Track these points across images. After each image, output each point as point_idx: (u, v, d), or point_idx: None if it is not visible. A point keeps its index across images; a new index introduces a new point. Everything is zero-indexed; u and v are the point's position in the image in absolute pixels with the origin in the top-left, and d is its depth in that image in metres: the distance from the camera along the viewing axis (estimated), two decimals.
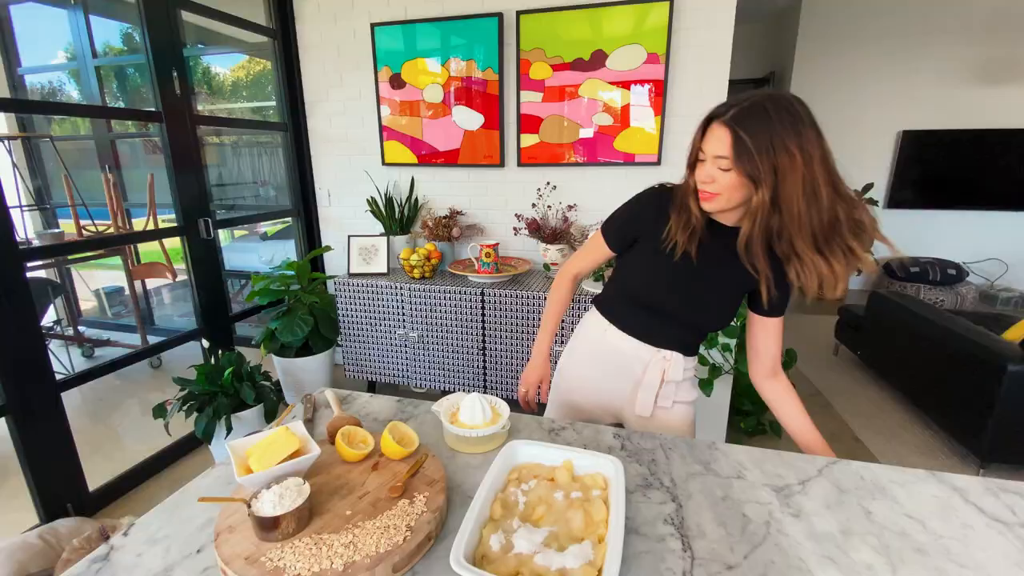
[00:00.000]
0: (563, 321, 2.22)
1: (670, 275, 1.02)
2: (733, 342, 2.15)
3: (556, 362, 1.37)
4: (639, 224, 1.05)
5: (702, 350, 2.18)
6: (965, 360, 2.22)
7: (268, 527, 0.64)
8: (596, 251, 1.14)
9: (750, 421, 2.43)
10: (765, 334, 1.04)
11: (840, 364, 3.32)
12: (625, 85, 2.39)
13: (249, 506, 0.65)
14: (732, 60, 2.28)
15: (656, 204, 1.03)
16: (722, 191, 0.88)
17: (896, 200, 4.82)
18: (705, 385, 2.16)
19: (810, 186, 0.85)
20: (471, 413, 0.90)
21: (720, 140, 0.85)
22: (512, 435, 0.95)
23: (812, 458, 0.88)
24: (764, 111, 0.84)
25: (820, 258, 0.88)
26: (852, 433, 2.52)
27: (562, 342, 2.27)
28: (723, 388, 2.23)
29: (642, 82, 2.37)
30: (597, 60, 2.40)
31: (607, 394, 1.16)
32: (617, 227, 1.10)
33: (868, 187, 4.65)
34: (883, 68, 4.61)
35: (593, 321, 1.17)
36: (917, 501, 0.78)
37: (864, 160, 4.82)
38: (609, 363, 1.13)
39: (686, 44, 2.30)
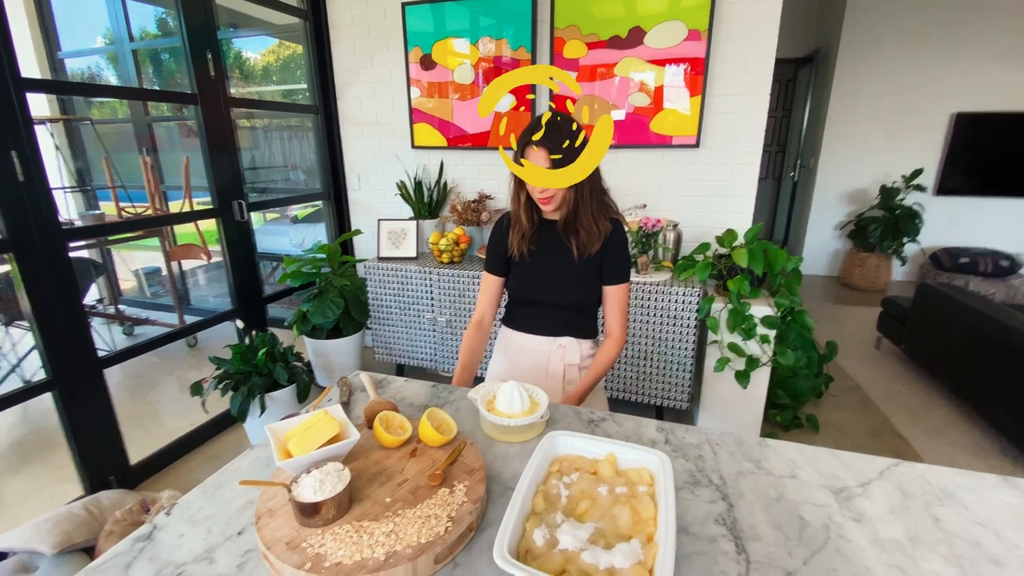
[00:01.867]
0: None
1: (532, 271, 1.26)
2: (773, 333, 2.08)
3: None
4: (503, 245, 1.28)
5: (739, 341, 2.11)
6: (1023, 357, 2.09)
7: (309, 513, 0.63)
8: (487, 286, 1.33)
9: (787, 414, 2.36)
10: (604, 299, 1.26)
11: (882, 358, 3.18)
12: (664, 63, 2.30)
13: (290, 491, 0.64)
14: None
15: (505, 225, 1.28)
16: (555, 192, 1.12)
17: (947, 187, 4.57)
18: (741, 377, 2.09)
19: (596, 171, 1.14)
20: (509, 402, 0.87)
21: (541, 159, 1.07)
22: (550, 426, 0.93)
23: (870, 459, 0.82)
24: (562, 123, 1.08)
25: (598, 225, 1.17)
26: (895, 430, 2.41)
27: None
28: (759, 381, 2.16)
29: (682, 60, 2.27)
30: (635, 37, 2.30)
31: None
32: (492, 257, 1.32)
33: (917, 173, 4.45)
34: (935, 46, 4.33)
35: (501, 334, 1.38)
36: (989, 508, 0.73)
37: (914, 144, 4.58)
38: (518, 360, 1.32)
39: (729, 19, 2.19)
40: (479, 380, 1.32)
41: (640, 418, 0.95)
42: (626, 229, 1.27)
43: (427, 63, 2.67)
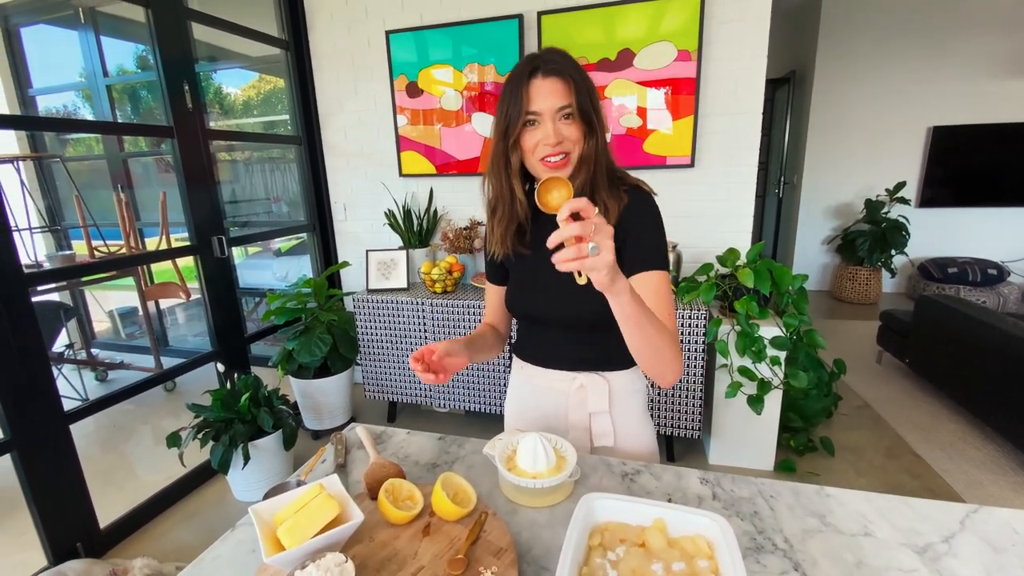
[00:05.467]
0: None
1: (528, 276, 0.95)
2: (783, 355, 2.00)
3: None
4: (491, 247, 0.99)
5: (750, 364, 2.02)
6: None
7: None
8: (490, 297, 1.06)
9: (800, 438, 2.26)
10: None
11: (885, 373, 3.13)
12: (654, 85, 2.27)
13: None
14: None
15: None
16: (572, 148, 0.83)
17: (928, 198, 4.63)
18: (755, 403, 2.00)
19: (604, 121, 0.85)
20: (532, 458, 0.76)
21: (554, 91, 0.80)
22: (580, 482, 0.81)
23: (947, 506, 0.73)
24: (563, 54, 0.83)
25: (611, 201, 0.86)
26: (910, 448, 2.33)
27: None
28: (771, 405, 2.07)
29: (672, 81, 2.24)
30: (624, 60, 2.28)
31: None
32: (487, 261, 1.04)
33: (900, 186, 4.50)
34: (910, 63, 4.45)
35: (514, 367, 1.08)
36: None
37: (894, 158, 4.65)
38: (531, 402, 1.02)
39: (719, 39, 2.17)
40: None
41: (679, 468, 0.84)
42: (655, 198, 0.91)
43: (413, 91, 2.61)
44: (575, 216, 0.59)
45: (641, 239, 0.85)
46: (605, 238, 0.59)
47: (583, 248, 0.58)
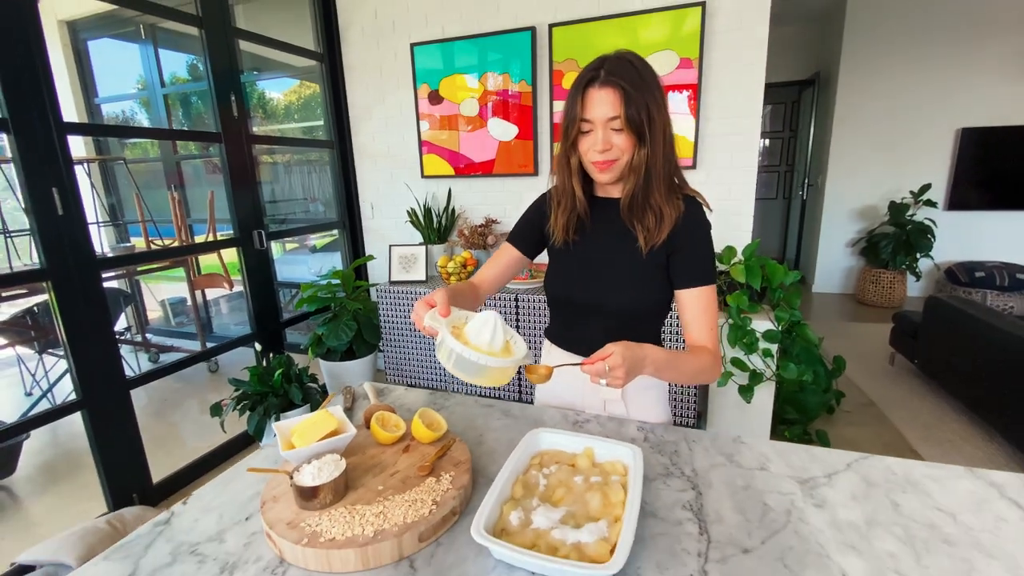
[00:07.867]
0: None
1: (571, 263, 1.01)
2: (775, 347, 2.10)
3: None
4: (538, 221, 1.06)
5: (742, 356, 2.13)
6: None
7: (308, 496, 0.70)
8: (501, 255, 1.08)
9: (795, 430, 2.35)
10: (680, 308, 0.95)
11: (896, 374, 3.15)
12: None
13: (291, 477, 0.71)
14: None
15: (548, 203, 1.05)
16: (620, 155, 0.88)
17: (956, 201, 4.56)
18: (745, 392, 2.11)
19: (669, 133, 0.89)
20: (477, 333, 0.76)
21: (606, 102, 0.84)
22: (536, 426, 0.98)
23: (842, 453, 0.86)
24: (630, 64, 0.86)
25: (668, 207, 0.90)
26: (909, 445, 2.38)
27: None
28: (765, 396, 2.18)
29: (675, 87, 2.38)
30: None
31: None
32: (518, 228, 1.09)
33: (925, 188, 4.45)
34: (937, 63, 4.39)
35: (544, 348, 1.15)
36: (951, 495, 0.76)
37: (921, 160, 4.60)
38: (557, 385, 1.08)
39: (719, 47, 2.30)
40: None
41: (623, 418, 1.00)
42: (707, 212, 0.95)
43: (435, 98, 2.83)
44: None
45: (693, 253, 0.92)
46: (614, 379, 0.75)
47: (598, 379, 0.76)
